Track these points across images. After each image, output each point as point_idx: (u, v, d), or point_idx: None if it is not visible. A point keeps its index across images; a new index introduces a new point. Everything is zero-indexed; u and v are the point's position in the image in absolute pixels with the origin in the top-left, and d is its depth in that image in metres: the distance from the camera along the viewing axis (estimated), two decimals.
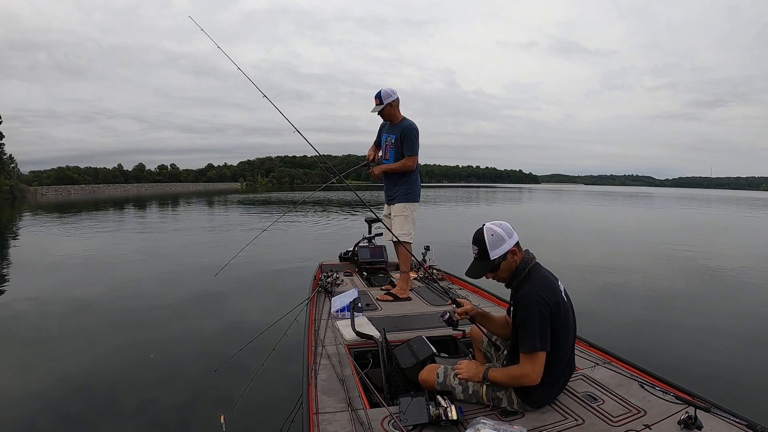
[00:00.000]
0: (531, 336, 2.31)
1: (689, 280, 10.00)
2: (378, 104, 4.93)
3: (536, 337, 2.30)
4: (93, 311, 7.14)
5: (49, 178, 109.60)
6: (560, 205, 42.96)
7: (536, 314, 2.32)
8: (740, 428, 2.18)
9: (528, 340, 2.32)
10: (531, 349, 2.31)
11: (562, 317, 2.39)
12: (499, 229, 2.48)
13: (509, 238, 2.48)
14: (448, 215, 27.96)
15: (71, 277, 9.87)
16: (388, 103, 4.92)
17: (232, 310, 7.23)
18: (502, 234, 2.47)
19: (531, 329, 2.31)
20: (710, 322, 6.92)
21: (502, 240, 2.47)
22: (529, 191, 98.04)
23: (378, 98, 4.93)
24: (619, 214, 32.39)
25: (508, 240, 2.47)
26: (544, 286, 2.42)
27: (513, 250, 2.49)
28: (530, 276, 2.49)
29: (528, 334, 2.32)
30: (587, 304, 7.34)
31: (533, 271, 2.51)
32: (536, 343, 2.30)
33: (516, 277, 2.53)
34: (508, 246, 2.47)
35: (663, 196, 79.67)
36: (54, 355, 5.36)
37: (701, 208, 41.62)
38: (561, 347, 2.43)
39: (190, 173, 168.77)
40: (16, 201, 50.27)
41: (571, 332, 2.51)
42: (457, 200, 49.23)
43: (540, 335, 2.30)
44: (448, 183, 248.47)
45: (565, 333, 2.44)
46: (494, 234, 2.48)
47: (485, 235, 2.49)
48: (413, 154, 4.95)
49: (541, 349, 2.31)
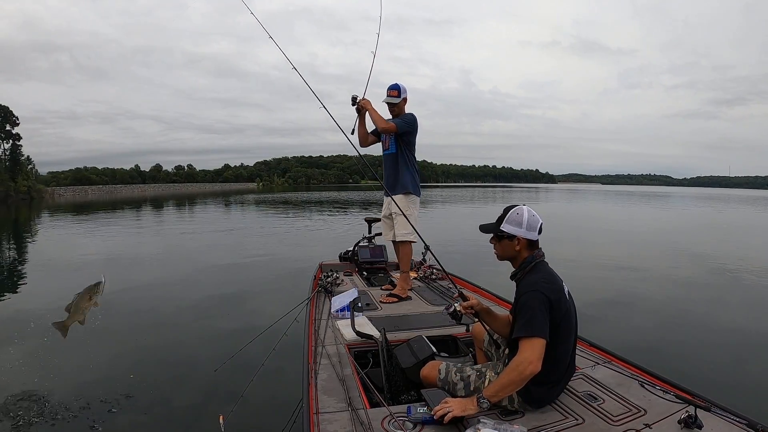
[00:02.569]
0: (529, 319, 2.28)
1: (694, 280, 9.93)
2: (395, 96, 4.92)
3: (534, 320, 2.27)
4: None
5: (66, 178, 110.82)
6: (574, 205, 42.80)
7: (535, 300, 2.31)
8: (740, 428, 2.16)
9: (525, 325, 2.29)
10: (528, 333, 2.27)
11: (563, 313, 2.37)
12: (526, 216, 2.50)
13: (527, 230, 2.49)
14: (455, 215, 28.05)
15: (73, 276, 10.00)
16: (404, 97, 4.94)
17: (232, 310, 7.26)
18: (524, 220, 2.49)
19: (529, 314, 2.29)
20: (711, 322, 6.90)
21: (519, 224, 2.49)
22: (546, 191, 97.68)
23: (396, 90, 4.93)
24: (634, 213, 32.14)
25: (524, 231, 2.49)
26: (546, 280, 2.42)
27: (521, 240, 2.50)
28: (534, 269, 2.49)
29: (525, 318, 2.30)
30: (591, 302, 7.34)
31: (539, 266, 2.50)
32: (533, 327, 2.26)
33: (521, 270, 2.53)
34: (520, 234, 2.49)
35: (680, 195, 78.84)
36: (53, 355, 5.38)
37: (718, 208, 41.26)
38: (562, 347, 2.40)
39: (206, 174, 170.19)
40: (33, 201, 51.11)
41: (573, 334, 2.49)
42: (470, 200, 49.19)
43: (538, 320, 2.27)
44: (465, 183, 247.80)
45: (567, 331, 2.42)
46: (519, 215, 2.51)
47: (513, 209, 2.54)
48: (397, 124, 4.88)
49: (539, 334, 2.26)
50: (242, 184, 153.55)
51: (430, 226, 18.90)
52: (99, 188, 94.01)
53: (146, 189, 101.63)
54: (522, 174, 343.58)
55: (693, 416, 2.15)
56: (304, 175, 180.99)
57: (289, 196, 57.76)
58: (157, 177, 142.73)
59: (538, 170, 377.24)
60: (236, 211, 31.81)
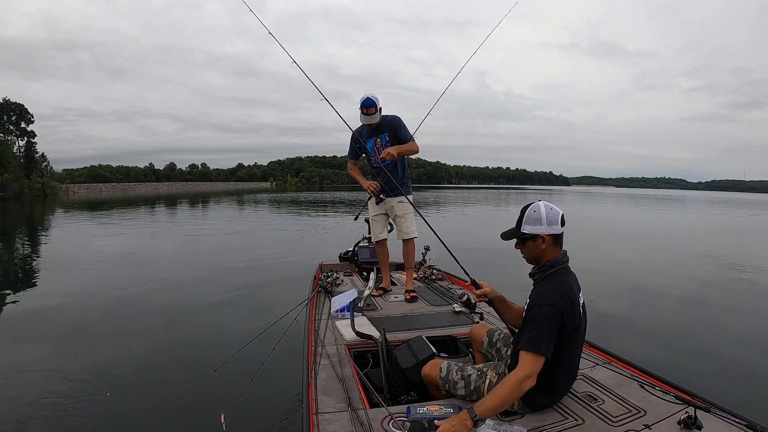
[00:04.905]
0: (537, 335, 2.24)
1: (699, 281, 9.87)
2: (373, 113, 4.65)
3: (542, 337, 2.23)
4: (94, 310, 7.25)
5: (81, 176, 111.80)
6: (588, 207, 42.60)
7: (547, 316, 2.26)
8: (740, 428, 2.16)
9: (533, 339, 2.25)
10: (535, 348, 2.23)
11: (574, 327, 2.33)
12: (543, 211, 2.43)
13: (548, 225, 2.41)
14: (461, 216, 28.09)
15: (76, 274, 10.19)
16: (380, 107, 4.70)
17: (233, 309, 7.27)
18: (542, 217, 2.42)
19: (537, 329, 2.25)
20: (711, 321, 6.89)
21: (539, 221, 2.42)
22: (559, 193, 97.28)
23: (373, 107, 4.63)
24: (646, 217, 31.95)
25: (545, 226, 2.42)
26: (564, 293, 2.34)
27: (545, 237, 2.42)
28: (554, 277, 2.43)
29: (533, 333, 2.26)
30: (597, 304, 7.33)
31: (559, 273, 2.44)
32: (540, 345, 2.22)
33: (541, 271, 2.48)
34: (542, 231, 2.42)
35: (695, 199, 78.21)
36: (54, 353, 5.46)
37: (731, 212, 40.95)
38: (569, 358, 2.39)
39: (220, 172, 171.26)
40: (47, 198, 51.61)
41: (579, 343, 2.47)
42: (482, 201, 49.10)
43: (545, 338, 2.23)
44: (478, 184, 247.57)
45: (575, 343, 2.40)
46: (536, 212, 2.44)
47: (529, 209, 2.47)
48: (414, 139, 4.86)
49: (543, 352, 2.22)
50: (256, 183, 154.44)
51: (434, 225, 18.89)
52: (113, 185, 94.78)
53: (159, 187, 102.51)
54: (536, 176, 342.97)
55: (693, 417, 2.15)
56: (318, 175, 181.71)
57: (298, 196, 58.02)
58: (171, 175, 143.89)
59: (552, 172, 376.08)
60: (242, 211, 31.91)
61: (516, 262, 2.74)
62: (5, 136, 57.29)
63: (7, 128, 58.02)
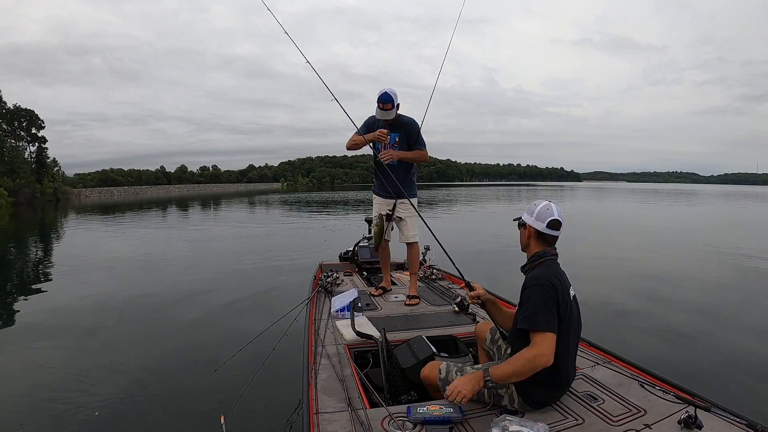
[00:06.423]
0: (534, 312, 2.30)
1: (702, 280, 9.71)
2: (390, 108, 4.49)
3: (540, 313, 2.28)
4: (94, 308, 7.40)
5: (93, 180, 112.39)
6: (598, 203, 42.42)
7: (541, 293, 2.33)
8: (740, 428, 2.15)
9: (530, 316, 2.30)
10: (534, 325, 2.28)
11: (567, 312, 2.36)
12: (539, 207, 2.57)
13: (535, 219, 2.56)
14: (469, 214, 28.07)
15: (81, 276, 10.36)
16: (398, 104, 4.56)
17: (233, 310, 7.29)
18: (535, 210, 2.57)
19: (534, 306, 2.32)
20: (711, 321, 6.79)
21: (531, 213, 2.59)
22: (571, 189, 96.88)
23: (390, 102, 4.46)
24: (657, 212, 31.65)
25: (533, 219, 2.57)
26: (553, 275, 2.42)
27: (530, 228, 2.59)
28: (542, 265, 2.51)
29: (530, 310, 2.31)
30: (598, 301, 7.38)
31: (548, 263, 2.51)
32: (540, 321, 2.27)
33: (530, 262, 2.58)
34: (529, 222, 2.58)
35: (707, 193, 77.54)
36: (53, 353, 5.53)
37: (742, 206, 40.62)
38: (562, 345, 2.36)
39: (231, 174, 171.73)
40: (59, 203, 52.06)
41: (574, 335, 2.49)
42: (492, 199, 49.05)
43: (545, 313, 2.29)
44: (489, 182, 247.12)
45: (568, 330, 2.39)
46: (535, 205, 2.60)
47: (536, 201, 2.62)
48: (425, 148, 4.77)
49: (549, 328, 2.27)
50: (267, 184, 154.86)
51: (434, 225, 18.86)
52: (125, 189, 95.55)
53: (171, 189, 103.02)
54: (547, 172, 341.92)
55: (693, 416, 2.15)
56: (329, 175, 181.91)
57: (308, 196, 58.21)
58: (182, 178, 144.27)
59: (563, 168, 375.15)
60: (248, 212, 32.19)
61: (516, 262, 2.77)
62: (17, 142, 57.81)
63: (19, 134, 58.53)
